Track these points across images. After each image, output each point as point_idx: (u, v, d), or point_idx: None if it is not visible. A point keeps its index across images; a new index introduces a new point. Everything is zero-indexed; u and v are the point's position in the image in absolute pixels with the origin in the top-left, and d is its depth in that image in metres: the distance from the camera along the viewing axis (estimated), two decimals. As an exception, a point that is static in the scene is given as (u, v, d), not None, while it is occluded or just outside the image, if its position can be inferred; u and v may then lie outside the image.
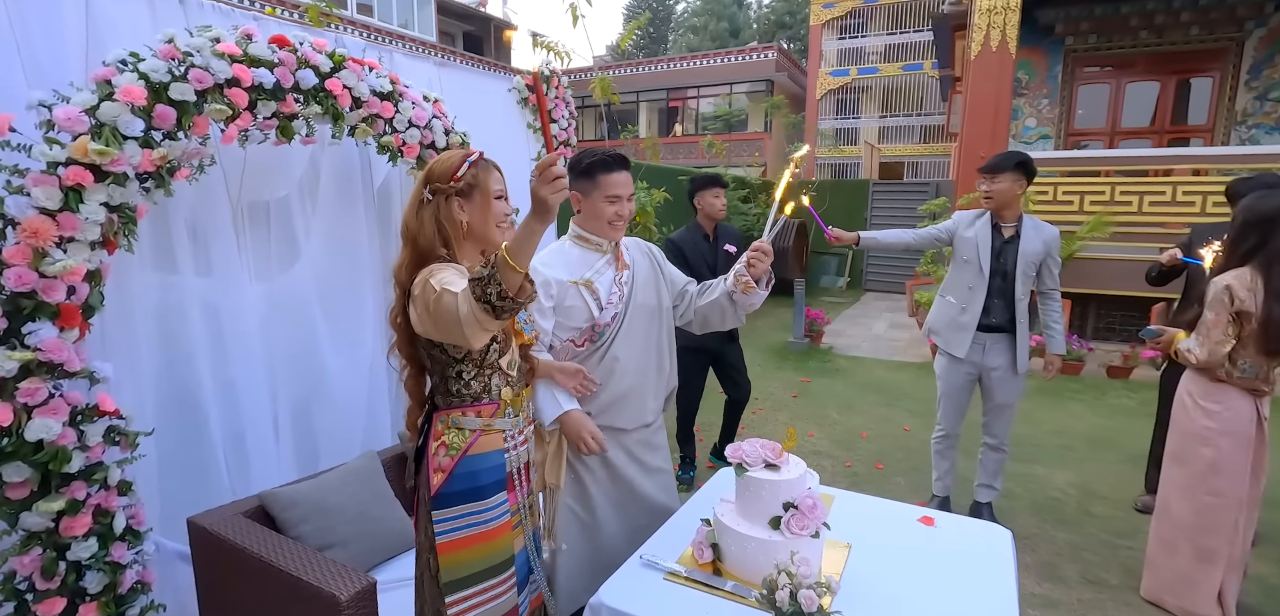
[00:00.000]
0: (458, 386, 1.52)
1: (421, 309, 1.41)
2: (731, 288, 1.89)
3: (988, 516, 3.15)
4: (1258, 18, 8.18)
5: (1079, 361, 5.94)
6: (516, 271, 1.18)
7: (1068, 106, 9.47)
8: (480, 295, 1.20)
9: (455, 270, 1.42)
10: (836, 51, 19.83)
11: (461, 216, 1.50)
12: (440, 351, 1.48)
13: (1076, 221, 6.71)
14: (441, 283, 1.35)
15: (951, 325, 3.09)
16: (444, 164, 1.50)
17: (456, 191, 1.48)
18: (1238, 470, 2.31)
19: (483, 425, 1.54)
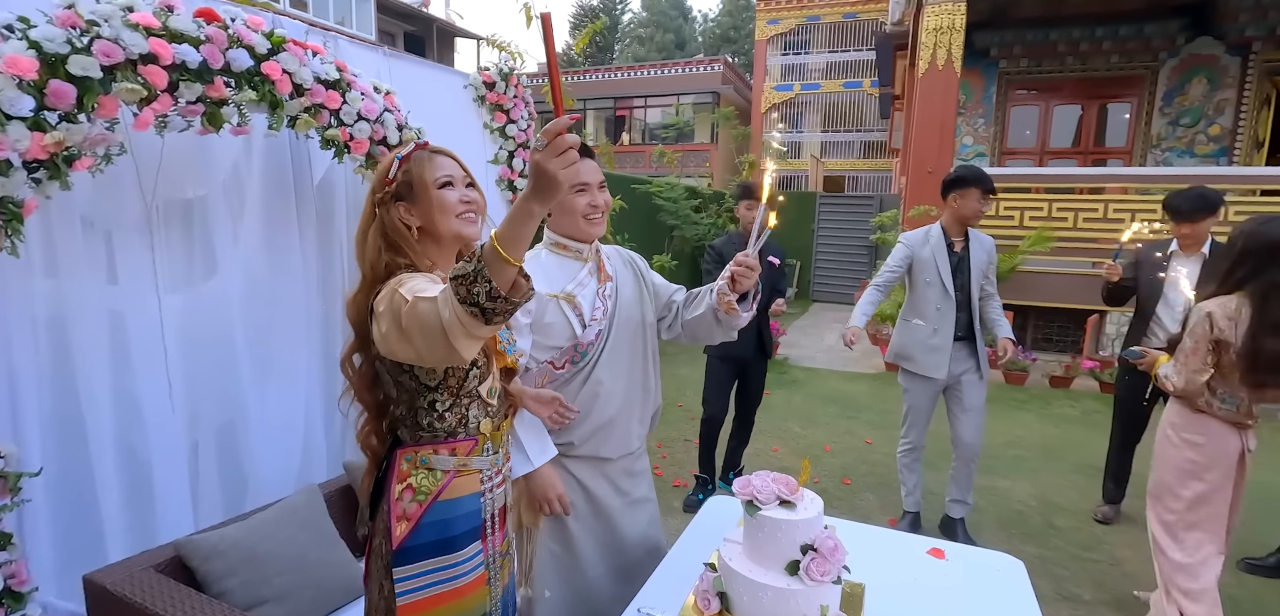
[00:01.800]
0: (429, 419, 1.30)
1: (389, 324, 1.19)
2: (715, 304, 1.72)
3: (962, 532, 3.16)
4: (1170, 49, 8.77)
5: (1024, 371, 6.13)
6: (510, 263, 0.96)
7: (1002, 126, 9.91)
8: (466, 296, 0.97)
9: (426, 277, 1.21)
10: (781, 67, 20.24)
11: (409, 220, 1.29)
12: (410, 378, 1.26)
13: (1017, 236, 6.96)
14: (412, 290, 1.13)
15: (924, 348, 3.08)
16: (377, 172, 1.30)
17: (394, 196, 1.28)
18: (1223, 503, 2.24)
19: (458, 465, 1.32)
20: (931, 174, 7.36)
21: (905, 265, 3.15)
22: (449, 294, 1.01)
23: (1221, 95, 8.70)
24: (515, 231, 0.97)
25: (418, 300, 1.09)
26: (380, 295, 1.22)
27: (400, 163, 1.30)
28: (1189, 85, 8.83)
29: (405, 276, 1.20)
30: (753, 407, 3.58)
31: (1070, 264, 6.56)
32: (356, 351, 1.33)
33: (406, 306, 1.11)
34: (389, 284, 1.20)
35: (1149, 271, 3.21)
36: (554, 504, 1.64)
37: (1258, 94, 8.48)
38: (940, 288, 3.03)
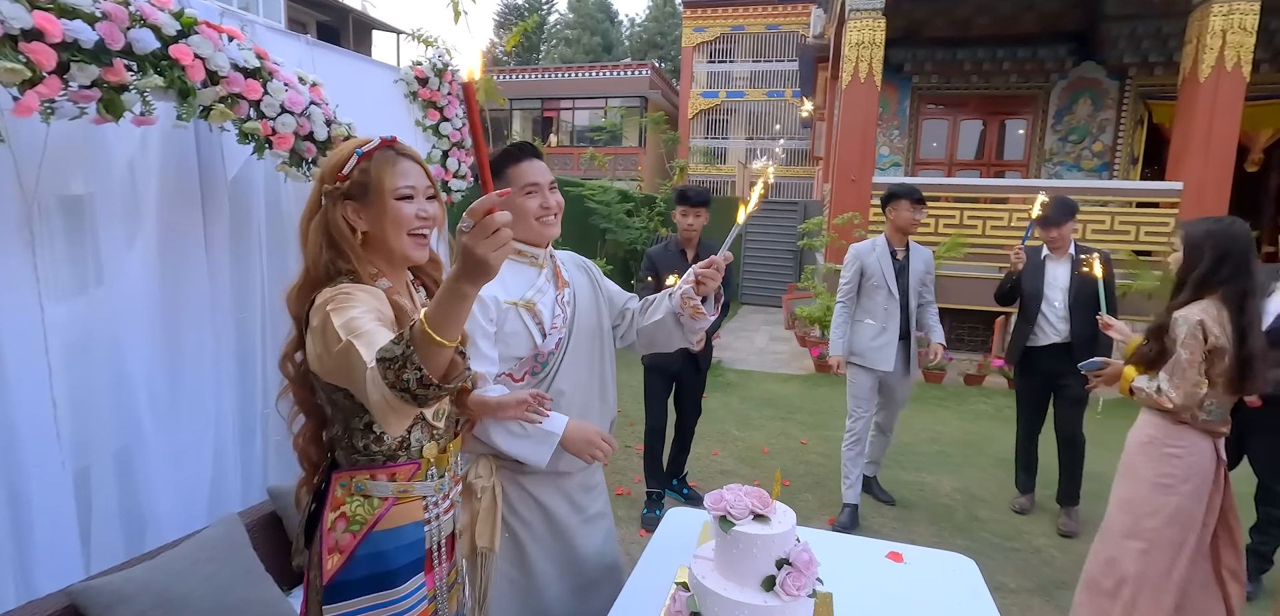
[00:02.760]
0: (366, 442, 1.18)
1: (320, 348, 1.08)
2: (678, 308, 1.68)
3: (878, 489, 3.73)
4: (1060, 72, 9.57)
5: (942, 370, 6.49)
6: (443, 346, 0.88)
7: (915, 138, 10.49)
8: (395, 381, 0.89)
9: (366, 301, 1.09)
10: (706, 74, 20.61)
11: (356, 223, 1.18)
12: (345, 396, 1.14)
13: (933, 243, 7.36)
14: (348, 324, 1.03)
15: (872, 344, 3.40)
16: (333, 158, 1.18)
17: (344, 193, 1.16)
18: (1197, 517, 2.15)
19: (397, 491, 1.22)
20: (855, 182, 7.68)
21: (857, 272, 3.46)
22: (376, 375, 0.91)
23: (1103, 115, 9.57)
24: (447, 313, 0.88)
25: (350, 348, 0.99)
26: (315, 307, 1.10)
27: (360, 158, 1.17)
28: (1076, 105, 9.66)
29: (342, 295, 1.09)
30: (690, 419, 3.56)
31: (981, 268, 7.00)
32: (298, 349, 1.20)
33: (338, 348, 1.01)
34: (325, 299, 1.08)
35: (1031, 274, 3.46)
36: (601, 445, 1.57)
37: (1133, 114, 9.39)
38: (886, 290, 3.37)
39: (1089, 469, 4.23)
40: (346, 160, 1.17)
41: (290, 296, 1.20)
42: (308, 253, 1.17)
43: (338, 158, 1.18)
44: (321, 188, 1.18)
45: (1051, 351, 3.41)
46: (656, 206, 10.44)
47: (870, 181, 7.64)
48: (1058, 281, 3.38)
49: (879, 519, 3.49)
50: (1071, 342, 3.33)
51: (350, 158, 1.17)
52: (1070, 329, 3.35)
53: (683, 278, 1.66)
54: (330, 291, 1.10)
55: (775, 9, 19.37)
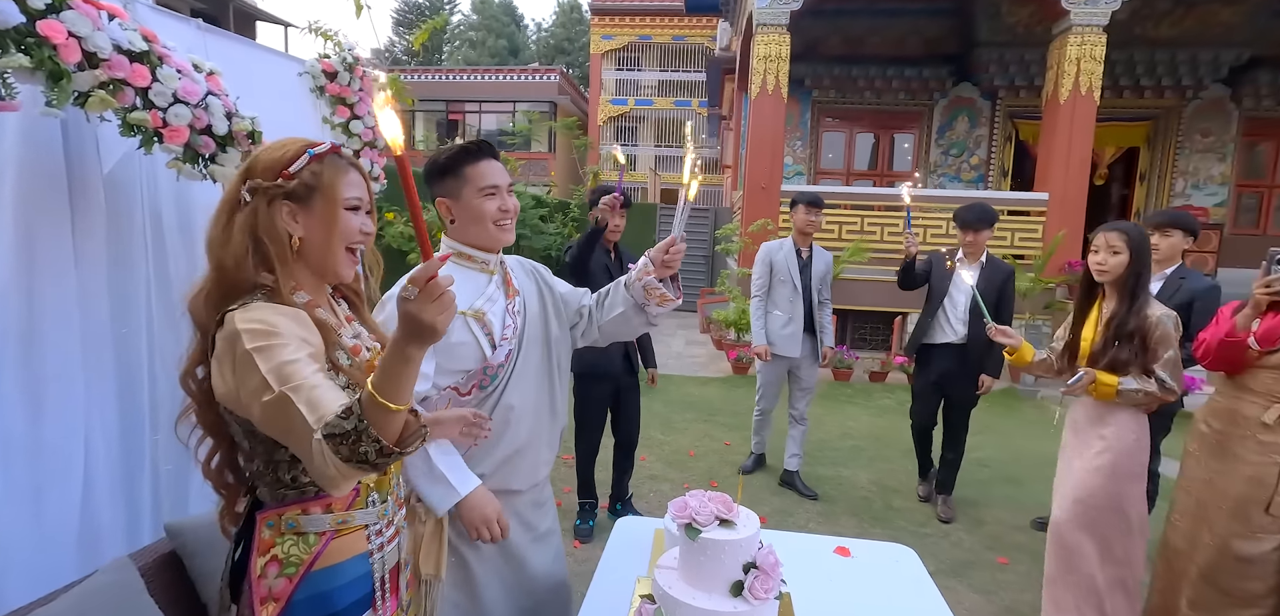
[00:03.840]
0: (293, 472, 1.06)
1: (233, 385, 0.96)
2: (642, 301, 1.63)
3: (801, 484, 3.88)
4: (941, 91, 10.42)
5: (848, 368, 6.85)
6: (395, 412, 0.86)
7: (815, 149, 11.06)
8: (350, 455, 0.85)
9: (292, 334, 0.98)
10: (615, 81, 20.75)
11: (293, 228, 1.06)
12: (253, 424, 1.02)
13: (837, 248, 7.77)
14: (279, 371, 0.92)
15: (780, 333, 3.79)
16: (274, 153, 1.06)
17: (286, 193, 1.04)
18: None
19: (335, 522, 1.10)
20: (764, 189, 7.97)
21: (768, 269, 3.81)
22: (325, 449, 0.86)
23: (978, 131, 10.52)
24: (395, 379, 0.86)
25: (286, 402, 0.90)
26: (225, 331, 0.97)
27: (311, 158, 1.06)
28: (955, 122, 10.56)
29: (263, 329, 0.95)
30: (633, 431, 3.44)
31: (880, 272, 7.45)
32: (202, 362, 1.06)
33: (269, 398, 0.91)
34: (241, 330, 0.95)
35: (939, 271, 3.68)
36: (494, 527, 1.45)
37: (1003, 131, 10.38)
38: (791, 285, 3.75)
39: (979, 456, 4.61)
40: (295, 157, 1.05)
41: (196, 302, 1.05)
42: (225, 253, 1.03)
43: (282, 154, 1.06)
44: (251, 183, 1.04)
45: (948, 350, 3.58)
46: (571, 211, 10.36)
47: (779, 189, 7.96)
48: (963, 285, 3.52)
49: (804, 514, 3.61)
50: (967, 344, 3.53)
51: (299, 155, 1.05)
52: (968, 332, 3.53)
53: (638, 267, 1.62)
54: (245, 318, 0.96)
55: (682, 20, 19.82)
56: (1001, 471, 4.36)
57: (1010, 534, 3.44)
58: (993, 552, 3.23)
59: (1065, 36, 7.39)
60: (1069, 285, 7.27)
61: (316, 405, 0.89)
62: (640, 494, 3.73)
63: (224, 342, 0.97)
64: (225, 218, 1.05)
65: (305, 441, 0.89)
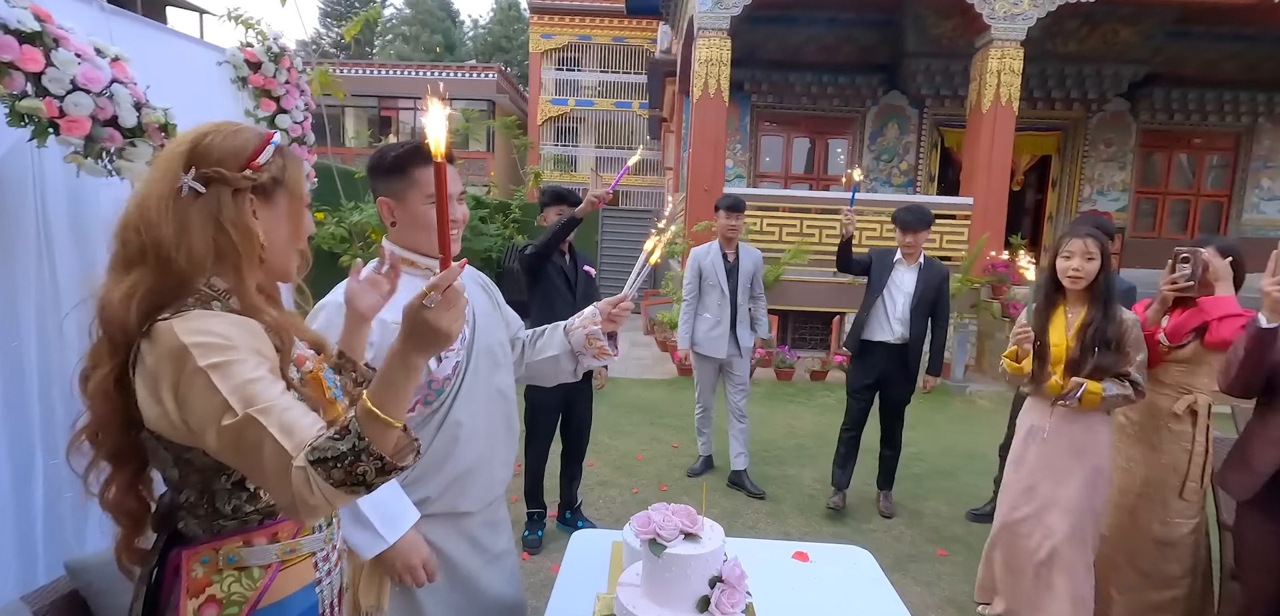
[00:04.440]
0: (235, 503, 0.96)
1: (171, 407, 0.85)
2: (581, 348, 1.61)
3: (749, 482, 3.94)
4: (873, 99, 10.81)
5: (790, 368, 6.98)
6: (393, 426, 0.81)
7: (755, 153, 11.27)
8: (345, 479, 0.78)
9: (246, 345, 0.88)
10: (555, 82, 20.52)
11: (256, 227, 0.96)
12: (198, 453, 0.91)
13: (779, 249, 7.93)
14: (243, 390, 0.83)
15: (708, 335, 3.91)
16: (234, 139, 0.94)
17: (254, 186, 0.94)
18: None
19: (282, 553, 1.01)
20: (707, 192, 8.03)
21: (697, 274, 3.96)
22: (314, 477, 0.78)
23: (907, 138, 10.97)
24: (398, 390, 0.82)
25: (252, 425, 0.81)
26: (161, 344, 0.84)
27: (276, 149, 0.96)
28: (886, 129, 10.98)
29: (213, 341, 0.85)
30: (583, 439, 3.38)
31: (820, 273, 7.64)
32: (110, 365, 0.90)
33: (229, 422, 0.81)
34: (185, 343, 0.83)
35: (880, 268, 3.73)
36: (418, 574, 1.35)
37: (929, 139, 10.87)
38: (718, 289, 3.87)
39: (914, 451, 4.78)
40: (260, 146, 0.95)
41: (116, 303, 0.88)
42: (179, 251, 0.89)
43: (244, 141, 0.95)
44: (205, 172, 0.91)
45: (887, 349, 3.62)
46: (511, 212, 10.14)
47: (722, 191, 8.04)
48: (903, 285, 3.59)
49: (753, 514, 3.63)
50: (907, 344, 3.60)
51: (265, 145, 0.96)
52: (908, 332, 3.60)
53: (583, 314, 1.60)
54: (190, 329, 0.85)
55: (622, 22, 19.80)
56: (936, 465, 4.53)
57: (948, 526, 3.57)
58: (932, 545, 3.34)
59: (987, 50, 7.79)
60: (993, 285, 7.66)
61: (292, 429, 0.81)
62: (589, 501, 3.66)
63: (163, 359, 0.85)
64: (169, 209, 0.90)
65: (277, 470, 0.80)
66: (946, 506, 3.80)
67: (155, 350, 0.86)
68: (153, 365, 0.86)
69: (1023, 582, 2.48)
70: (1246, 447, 2.04)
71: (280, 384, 0.88)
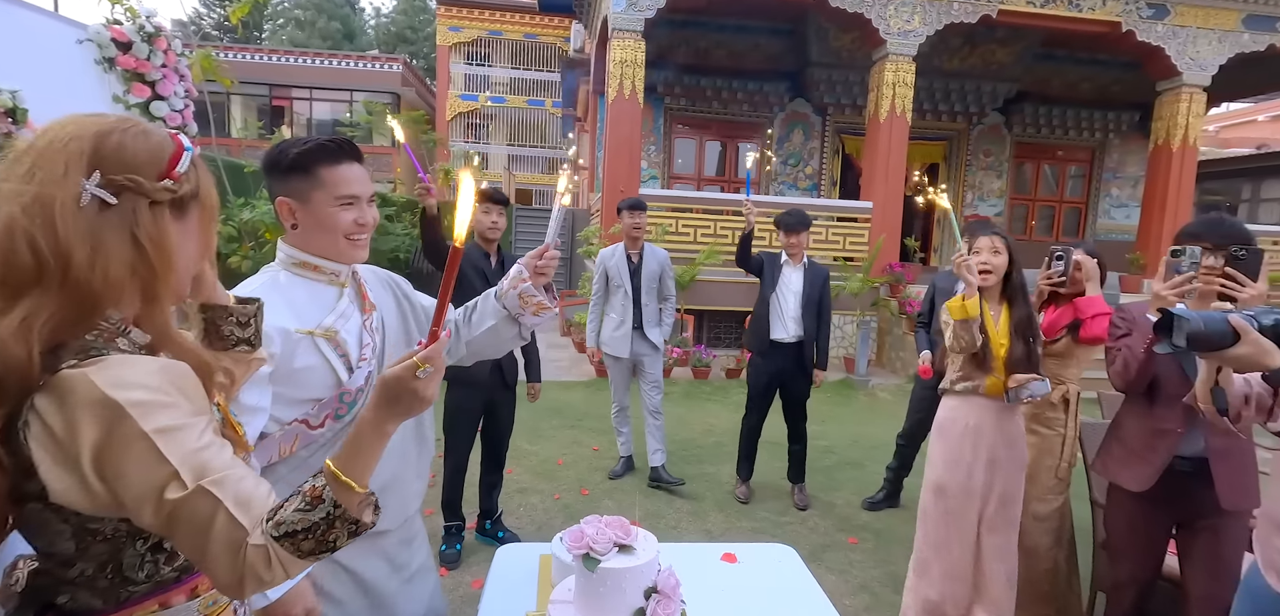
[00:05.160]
0: (150, 568, 0.84)
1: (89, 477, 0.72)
2: (516, 310, 1.53)
3: (666, 474, 3.98)
4: (780, 105, 11.25)
5: (707, 367, 7.13)
6: (358, 492, 0.79)
7: (668, 154, 11.43)
8: (315, 549, 0.75)
9: (182, 394, 0.78)
10: (464, 76, 19.92)
11: (175, 245, 0.83)
12: (110, 522, 0.79)
13: (694, 250, 8.07)
14: (194, 457, 0.74)
15: (614, 335, 3.97)
16: (145, 142, 0.80)
17: (173, 199, 0.82)
18: None
19: (204, 608, 0.93)
20: (623, 192, 8.05)
21: (603, 275, 4.01)
22: (278, 552, 0.73)
23: (811, 144, 11.50)
24: (370, 457, 0.80)
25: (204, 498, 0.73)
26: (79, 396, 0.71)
27: (191, 157, 0.83)
28: (792, 134, 11.45)
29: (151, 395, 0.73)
30: (503, 444, 3.26)
31: (734, 273, 7.81)
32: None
33: (180, 496, 0.72)
34: (110, 386, 0.71)
35: (771, 269, 3.88)
36: None
37: (831, 145, 11.45)
38: (623, 290, 3.92)
39: (824, 444, 5.00)
40: (177, 155, 0.82)
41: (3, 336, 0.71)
42: (93, 273, 0.75)
43: (159, 146, 0.81)
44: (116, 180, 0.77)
45: (783, 347, 3.80)
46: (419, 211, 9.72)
47: (638, 192, 8.08)
48: (792, 285, 3.77)
49: (676, 514, 3.66)
50: (802, 342, 3.79)
51: (181, 152, 0.82)
52: (801, 330, 3.78)
53: (509, 274, 1.52)
54: (118, 381, 0.72)
55: (534, 19, 19.51)
56: (845, 457, 4.77)
57: (857, 515, 3.76)
58: (844, 534, 3.50)
59: (883, 63, 8.30)
60: (891, 284, 8.17)
61: (248, 502, 0.75)
62: (509, 509, 3.56)
63: (82, 418, 0.70)
64: (74, 220, 0.74)
65: (228, 546, 0.73)
66: (856, 496, 4.00)
67: (66, 407, 0.71)
68: (63, 426, 0.71)
69: (961, 569, 2.50)
70: (1133, 439, 2.09)
71: (226, 445, 0.80)
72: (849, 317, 8.25)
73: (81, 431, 0.71)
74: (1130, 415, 2.11)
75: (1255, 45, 8.56)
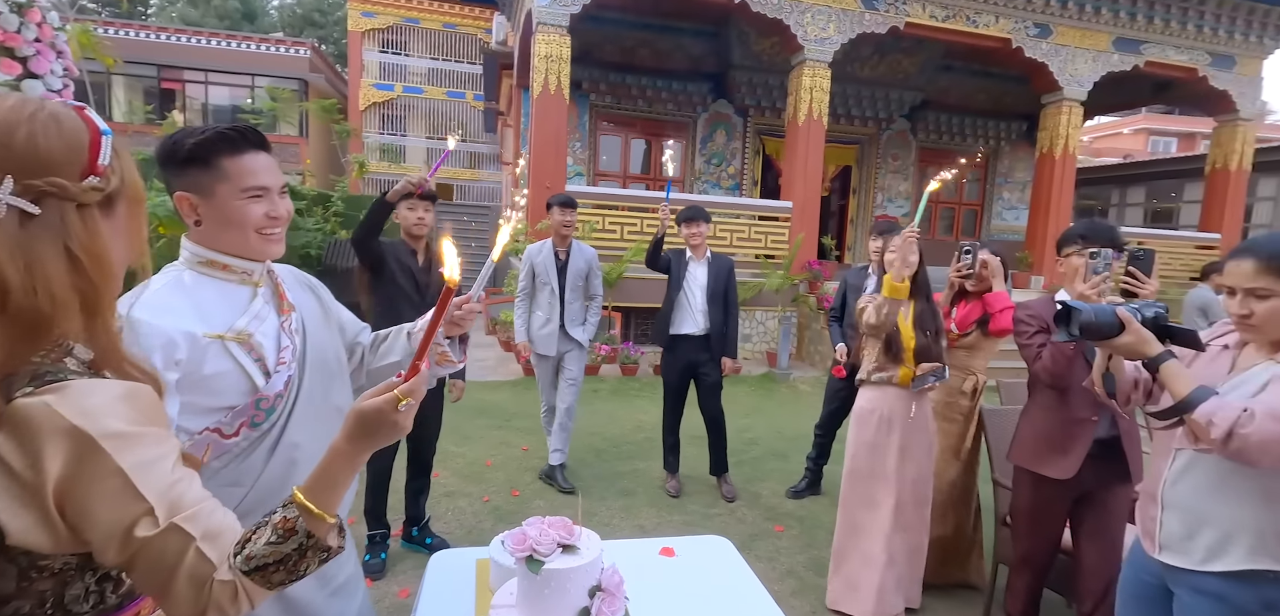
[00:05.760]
0: (97, 599, 0.76)
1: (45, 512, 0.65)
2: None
3: (561, 475, 3.94)
4: (703, 106, 11.47)
5: (635, 364, 7.16)
6: (328, 521, 0.78)
7: (594, 151, 11.40)
8: (287, 578, 0.73)
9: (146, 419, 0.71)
10: (380, 64, 19.04)
11: (109, 251, 0.75)
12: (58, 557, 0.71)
13: (621, 248, 8.09)
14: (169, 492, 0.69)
15: (540, 333, 3.91)
16: (58, 134, 0.70)
17: (102, 196, 0.74)
18: None
19: None
20: (549, 189, 7.95)
21: (530, 271, 3.92)
22: (246, 586, 0.71)
23: (733, 145, 11.79)
24: (338, 489, 0.79)
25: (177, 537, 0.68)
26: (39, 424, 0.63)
27: (112, 146, 0.74)
28: (715, 135, 11.70)
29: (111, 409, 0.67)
30: (429, 447, 3.14)
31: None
32: None
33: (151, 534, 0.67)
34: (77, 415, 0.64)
35: (678, 265, 3.96)
36: None
37: (753, 146, 11.79)
38: (549, 287, 3.87)
39: (750, 436, 5.15)
40: (96, 144, 0.72)
41: None
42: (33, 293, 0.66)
43: (74, 136, 0.71)
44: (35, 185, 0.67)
45: (692, 340, 3.90)
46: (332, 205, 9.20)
47: (564, 188, 8.01)
48: (698, 279, 3.88)
49: (608, 511, 3.66)
50: (709, 334, 3.89)
51: (100, 140, 0.72)
52: (708, 321, 3.88)
53: (425, 318, 1.48)
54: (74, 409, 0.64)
55: (454, 8, 18.93)
56: (769, 448, 4.93)
57: (783, 504, 3.90)
58: (771, 523, 3.62)
59: (801, 68, 8.62)
60: (810, 281, 8.51)
61: (216, 536, 0.71)
62: (437, 514, 3.44)
63: (47, 450, 0.63)
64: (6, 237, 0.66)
65: (194, 581, 0.69)
66: (781, 486, 4.14)
67: (26, 441, 0.63)
68: (23, 462, 0.63)
69: (878, 547, 2.63)
70: (1052, 432, 2.19)
71: (194, 474, 0.75)
72: (771, 313, 8.52)
73: (46, 465, 0.63)
74: (1041, 409, 2.25)
75: (1123, 65, 9.53)
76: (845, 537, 2.75)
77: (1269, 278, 1.33)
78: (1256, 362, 1.40)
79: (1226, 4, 9.57)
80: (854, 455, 2.71)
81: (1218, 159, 10.60)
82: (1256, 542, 1.38)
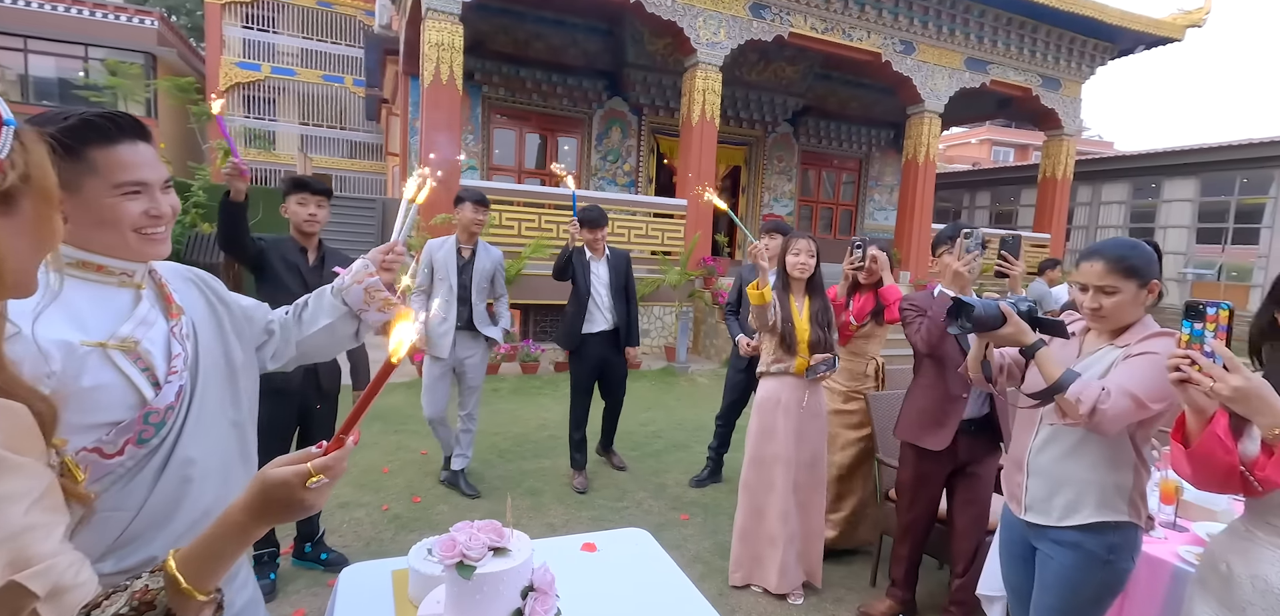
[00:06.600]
0: None
1: None
2: (361, 306, 1.42)
3: (464, 481, 3.83)
4: (599, 102, 11.52)
5: (535, 361, 7.06)
6: (198, 600, 0.70)
7: (488, 144, 11.11)
8: None
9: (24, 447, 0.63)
10: (243, 41, 17.37)
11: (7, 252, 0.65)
12: None
13: (519, 244, 7.95)
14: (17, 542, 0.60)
15: (435, 333, 3.69)
16: None
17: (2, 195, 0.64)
18: None
19: None
20: (442, 182, 7.66)
21: (429, 267, 3.73)
22: None
23: (629, 142, 11.94)
24: (221, 564, 0.72)
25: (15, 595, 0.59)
26: None
27: (15, 133, 0.61)
28: (611, 132, 11.79)
29: None
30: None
31: (558, 267, 7.86)
32: None
33: None
34: None
35: (580, 267, 3.99)
36: None
37: (647, 144, 11.99)
38: (448, 284, 3.68)
39: (653, 428, 5.27)
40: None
41: None
42: None
43: None
44: None
45: (601, 337, 3.99)
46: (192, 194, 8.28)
47: (459, 182, 7.74)
48: (601, 277, 3.98)
49: (515, 509, 3.60)
50: (618, 328, 4.00)
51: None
52: (616, 316, 3.99)
53: (352, 268, 1.42)
54: None
55: (330, -14, 17.66)
56: (672, 440, 5.06)
57: (686, 493, 4.03)
58: (676, 512, 3.73)
59: (694, 70, 8.88)
60: (705, 277, 8.80)
61: (60, 595, 0.62)
62: (332, 527, 3.23)
63: None
64: None
65: None
66: (684, 475, 4.27)
67: None
68: None
69: (778, 528, 2.79)
70: (930, 408, 2.45)
71: (58, 518, 0.65)
72: (669, 309, 8.73)
73: None
74: (922, 389, 2.54)
75: (974, 82, 10.67)
76: (748, 519, 2.89)
77: (1115, 277, 1.57)
78: (1099, 347, 1.66)
79: (1053, 34, 10.99)
80: (755, 442, 2.86)
81: (1047, 168, 12.15)
82: (1102, 498, 1.63)
